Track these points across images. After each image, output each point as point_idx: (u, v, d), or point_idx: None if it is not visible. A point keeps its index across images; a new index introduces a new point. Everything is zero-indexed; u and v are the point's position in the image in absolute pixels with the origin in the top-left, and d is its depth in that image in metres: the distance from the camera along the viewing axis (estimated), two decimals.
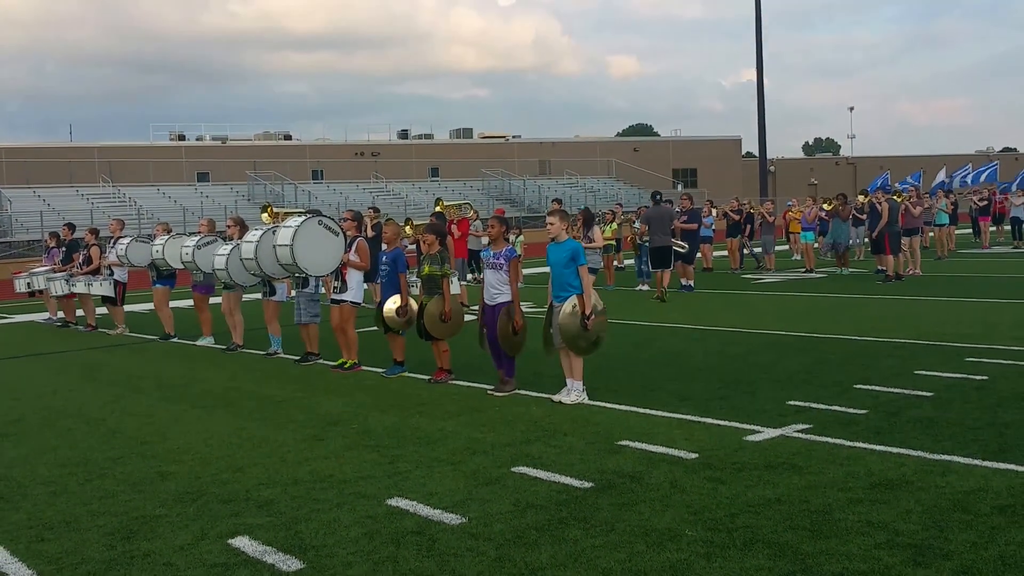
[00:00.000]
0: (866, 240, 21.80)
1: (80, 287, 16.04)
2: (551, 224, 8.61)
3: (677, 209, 19.28)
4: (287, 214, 16.40)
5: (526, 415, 7.96)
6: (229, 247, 12.30)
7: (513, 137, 70.78)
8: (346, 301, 10.81)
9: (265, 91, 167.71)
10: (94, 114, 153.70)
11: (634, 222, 21.51)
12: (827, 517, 5.08)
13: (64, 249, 17.29)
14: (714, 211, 24.85)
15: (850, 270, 21.55)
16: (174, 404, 9.36)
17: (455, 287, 13.27)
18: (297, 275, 11.15)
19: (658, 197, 18.53)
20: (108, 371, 11.83)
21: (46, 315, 18.19)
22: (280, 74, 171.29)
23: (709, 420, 7.43)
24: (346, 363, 10.80)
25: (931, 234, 26.34)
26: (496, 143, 68.56)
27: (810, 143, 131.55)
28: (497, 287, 8.89)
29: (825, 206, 22.90)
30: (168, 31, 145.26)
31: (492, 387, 8.99)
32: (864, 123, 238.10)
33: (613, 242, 21.31)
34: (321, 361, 11.41)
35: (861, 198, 22.12)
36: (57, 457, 7.30)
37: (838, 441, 6.64)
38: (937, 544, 4.63)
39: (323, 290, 11.48)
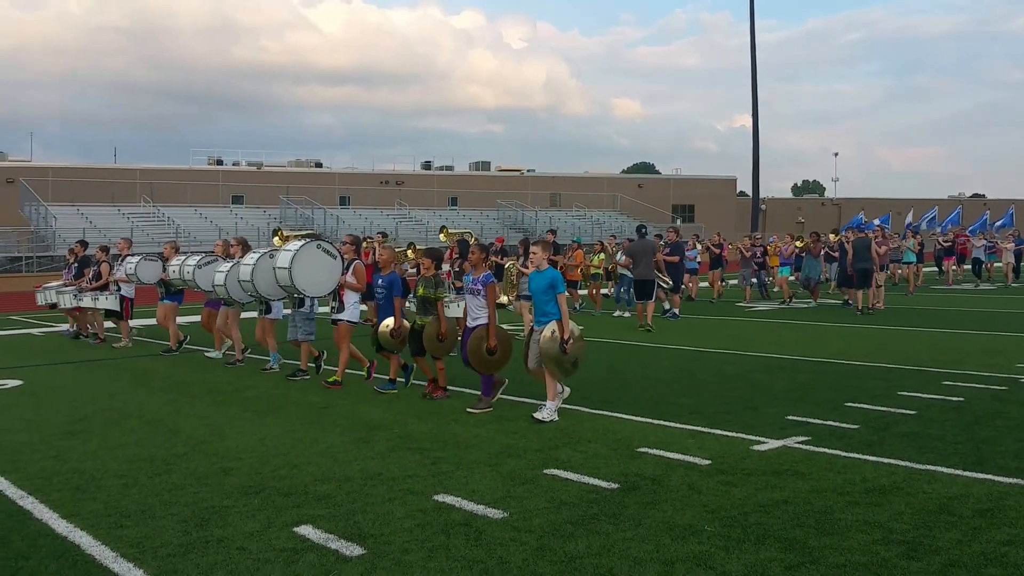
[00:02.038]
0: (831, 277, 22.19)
1: (87, 301, 15.89)
2: (534, 254, 8.77)
3: (661, 242, 19.25)
4: (295, 237, 16.51)
5: (553, 424, 8.17)
6: (229, 266, 12.20)
7: (527, 171, 71.25)
8: (342, 320, 10.78)
9: (294, 121, 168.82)
10: (133, 138, 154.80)
11: (617, 254, 20.81)
12: (829, 516, 5.31)
13: (76, 264, 17.09)
14: (698, 245, 24.83)
15: (818, 302, 21.53)
16: (226, 408, 9.57)
17: (459, 310, 13.29)
18: (294, 296, 11.11)
19: (643, 231, 18.28)
20: (158, 377, 12.01)
21: (66, 326, 18.09)
22: (308, 106, 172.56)
23: (718, 431, 7.64)
24: (334, 378, 10.66)
25: (899, 271, 26.52)
26: (512, 176, 69.03)
27: (798, 184, 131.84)
28: (477, 311, 8.97)
29: (798, 243, 22.78)
30: (202, 63, 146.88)
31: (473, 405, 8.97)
32: (847, 167, 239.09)
33: (600, 271, 21.10)
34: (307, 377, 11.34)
35: (832, 236, 22.35)
36: (125, 453, 7.51)
37: (835, 452, 6.86)
38: (927, 541, 4.87)
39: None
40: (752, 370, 11.24)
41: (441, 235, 18.13)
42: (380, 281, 10.22)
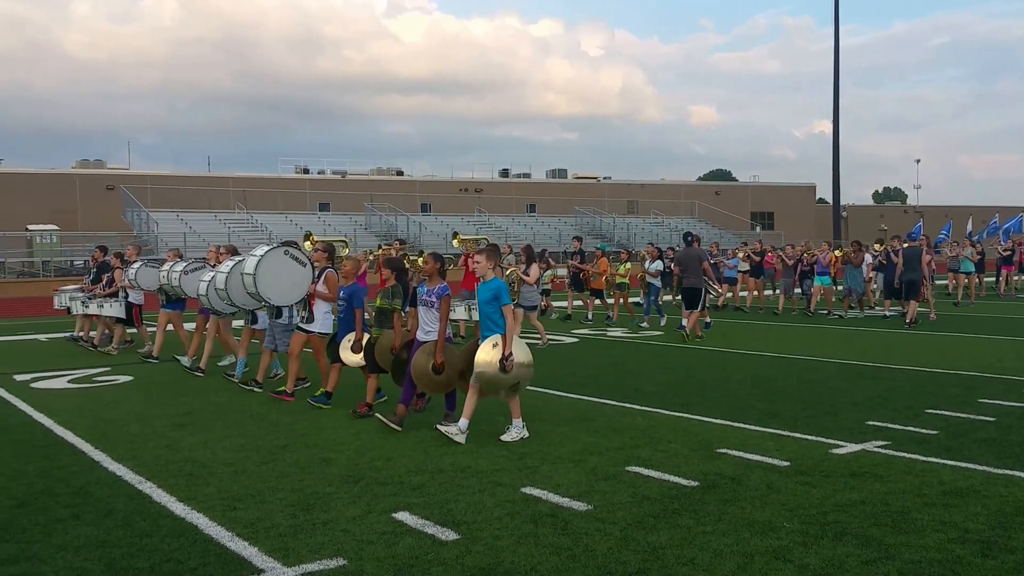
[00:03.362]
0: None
1: (93, 308, 15.68)
2: (478, 263, 8.08)
3: (707, 251, 18.79)
4: (326, 242, 16.07)
5: (632, 425, 8.37)
6: (212, 273, 11.64)
7: (604, 178, 71.33)
8: (313, 332, 10.05)
9: (373, 130, 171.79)
10: (222, 147, 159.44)
11: (647, 263, 19.89)
12: (905, 516, 5.41)
13: (95, 270, 16.79)
14: (739, 253, 24.20)
15: (865, 313, 20.80)
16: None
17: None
18: (264, 304, 10.43)
19: (689, 238, 17.49)
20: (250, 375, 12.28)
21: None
22: (386, 115, 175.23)
23: (797, 435, 7.74)
24: (282, 388, 10.25)
25: (951, 281, 25.71)
26: (588, 183, 69.21)
27: (879, 191, 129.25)
28: (429, 325, 8.34)
29: (837, 252, 21.86)
30: (287, 73, 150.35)
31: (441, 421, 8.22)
32: (930, 174, 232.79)
33: (626, 280, 20.26)
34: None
35: (878, 246, 21.46)
36: (232, 444, 7.92)
37: (913, 456, 6.91)
38: (1002, 540, 4.96)
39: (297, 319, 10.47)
40: (832, 376, 11.25)
41: (455, 241, 17.60)
42: (341, 293, 9.64)
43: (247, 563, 4.87)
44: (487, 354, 7.71)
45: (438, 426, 7.88)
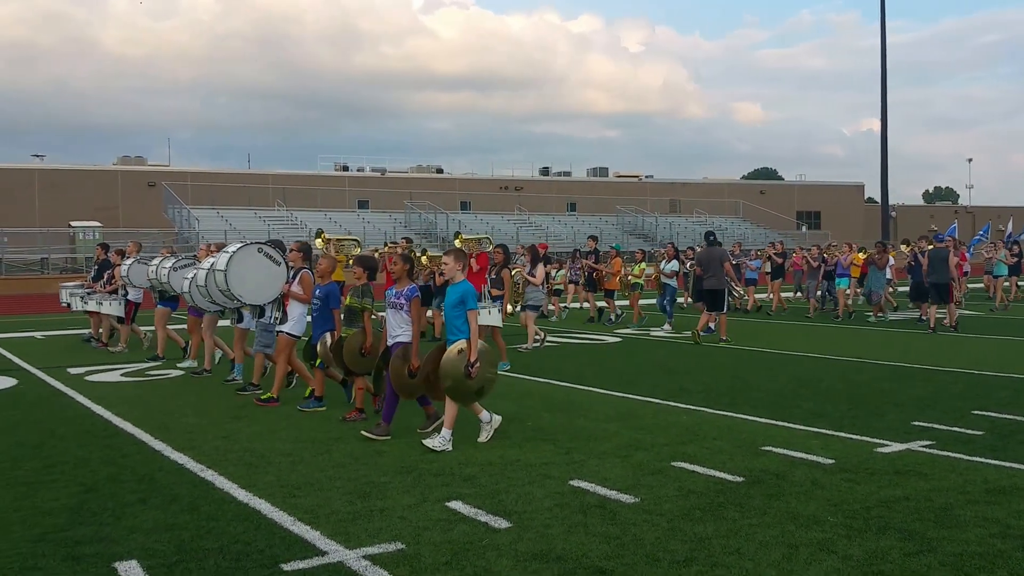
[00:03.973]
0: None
1: (92, 305, 15.84)
2: (446, 264, 7.98)
3: (730, 251, 18.46)
4: (339, 240, 16.09)
5: (677, 422, 8.60)
6: (194, 271, 11.64)
7: (646, 177, 71.36)
8: (284, 332, 9.93)
9: (411, 127, 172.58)
10: (260, 143, 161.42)
11: (662, 263, 19.51)
12: (948, 513, 5.61)
13: (97, 268, 16.78)
14: (760, 255, 24.10)
15: (879, 316, 20.30)
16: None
17: (495, 318, 12.48)
18: (235, 303, 10.40)
19: (712, 238, 17.21)
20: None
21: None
22: (425, 112, 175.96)
23: (842, 434, 7.93)
24: (267, 395, 10.05)
25: (988, 285, 25.34)
26: (630, 182, 69.32)
27: (930, 191, 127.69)
28: (398, 328, 8.17)
29: (860, 254, 21.53)
30: (325, 69, 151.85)
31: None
32: (981, 174, 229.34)
33: (641, 281, 20.30)
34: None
35: (904, 247, 21.03)
36: (287, 435, 8.27)
37: (958, 455, 7.08)
38: None
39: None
40: (879, 378, 11.38)
41: (456, 241, 17.21)
42: (317, 292, 9.58)
43: (311, 545, 5.19)
44: (452, 360, 7.65)
45: (424, 441, 7.67)
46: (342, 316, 9.22)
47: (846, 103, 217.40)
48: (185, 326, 13.78)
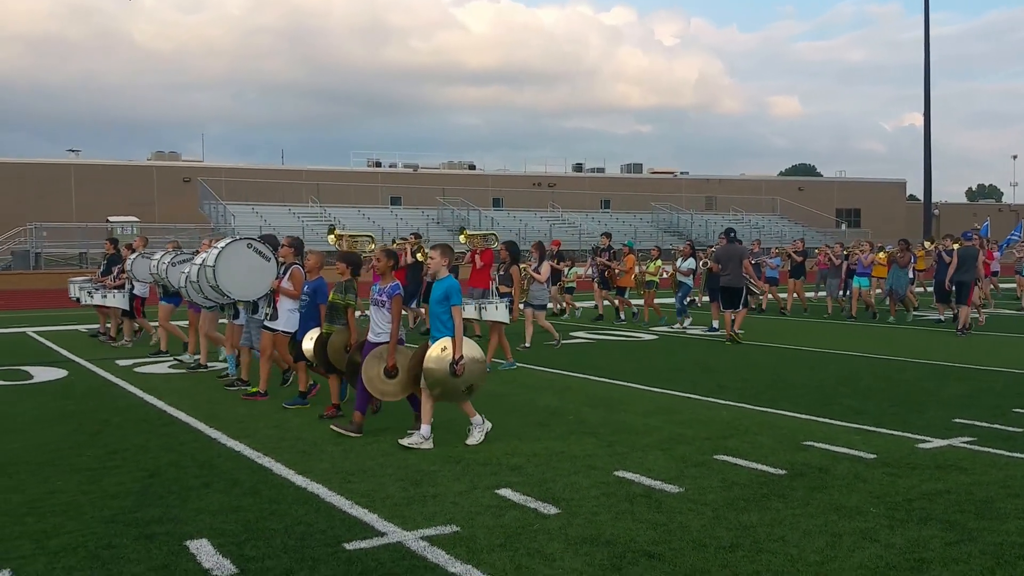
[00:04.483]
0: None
1: (97, 298, 15.90)
2: (431, 259, 8.03)
3: (749, 248, 18.22)
4: (351, 236, 16.11)
5: (717, 417, 8.82)
6: (189, 267, 11.52)
7: (681, 173, 71.30)
8: (277, 330, 9.96)
9: (442, 122, 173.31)
10: (291, 138, 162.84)
11: (678, 261, 19.46)
12: (989, 505, 5.81)
13: (106, 262, 16.92)
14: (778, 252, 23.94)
15: (894, 314, 20.13)
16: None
17: (503, 314, 12.46)
18: (224, 298, 10.46)
19: (732, 234, 16.91)
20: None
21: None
22: (455, 107, 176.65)
23: (884, 430, 8.12)
24: (255, 389, 10.22)
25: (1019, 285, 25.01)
26: (664, 178, 69.29)
27: (973, 188, 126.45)
28: (380, 326, 8.20)
29: (881, 254, 21.22)
30: (354, 63, 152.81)
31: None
32: None
33: (656, 278, 20.20)
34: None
35: (928, 244, 20.63)
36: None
37: (999, 452, 7.26)
38: None
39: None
40: (921, 376, 11.53)
41: (461, 237, 17.19)
42: (306, 287, 9.62)
43: (369, 527, 5.50)
44: (436, 358, 7.65)
45: (401, 440, 7.68)
46: (327, 313, 9.23)
47: (886, 97, 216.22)
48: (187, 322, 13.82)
